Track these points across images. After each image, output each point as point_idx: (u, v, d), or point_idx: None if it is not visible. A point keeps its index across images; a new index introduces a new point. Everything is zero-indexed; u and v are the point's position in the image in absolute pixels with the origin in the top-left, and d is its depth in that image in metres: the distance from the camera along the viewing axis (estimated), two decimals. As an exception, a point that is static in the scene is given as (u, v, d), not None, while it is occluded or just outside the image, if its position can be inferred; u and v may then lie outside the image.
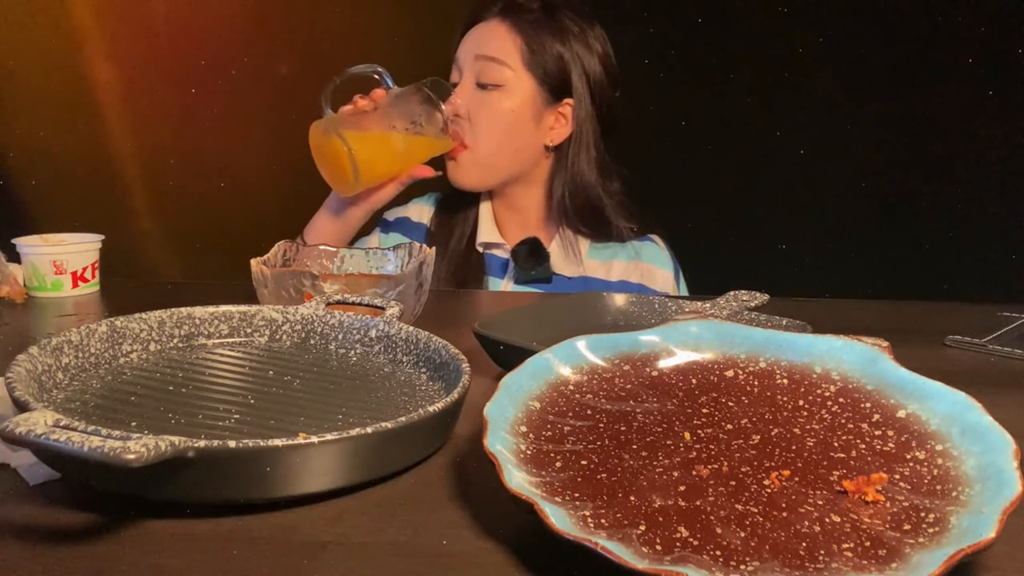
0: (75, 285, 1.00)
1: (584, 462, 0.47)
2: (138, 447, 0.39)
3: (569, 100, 1.18)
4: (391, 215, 1.30)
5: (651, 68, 1.53)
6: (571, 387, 0.55)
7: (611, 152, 1.24)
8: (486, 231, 1.24)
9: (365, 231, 1.20)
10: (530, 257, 1.19)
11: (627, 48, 1.25)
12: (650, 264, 1.21)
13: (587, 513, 0.41)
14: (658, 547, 0.39)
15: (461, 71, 1.18)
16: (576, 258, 1.20)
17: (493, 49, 1.16)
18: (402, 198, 1.17)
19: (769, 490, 0.45)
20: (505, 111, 1.16)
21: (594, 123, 1.20)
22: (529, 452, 0.47)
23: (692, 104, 1.56)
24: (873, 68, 1.50)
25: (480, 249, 1.24)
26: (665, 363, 0.58)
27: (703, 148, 1.57)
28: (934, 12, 1.46)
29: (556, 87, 1.18)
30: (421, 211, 1.30)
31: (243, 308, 0.69)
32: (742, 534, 0.41)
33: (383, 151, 1.06)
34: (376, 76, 1.08)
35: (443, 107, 1.08)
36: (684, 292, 1.23)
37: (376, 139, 1.05)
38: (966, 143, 1.49)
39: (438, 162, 1.16)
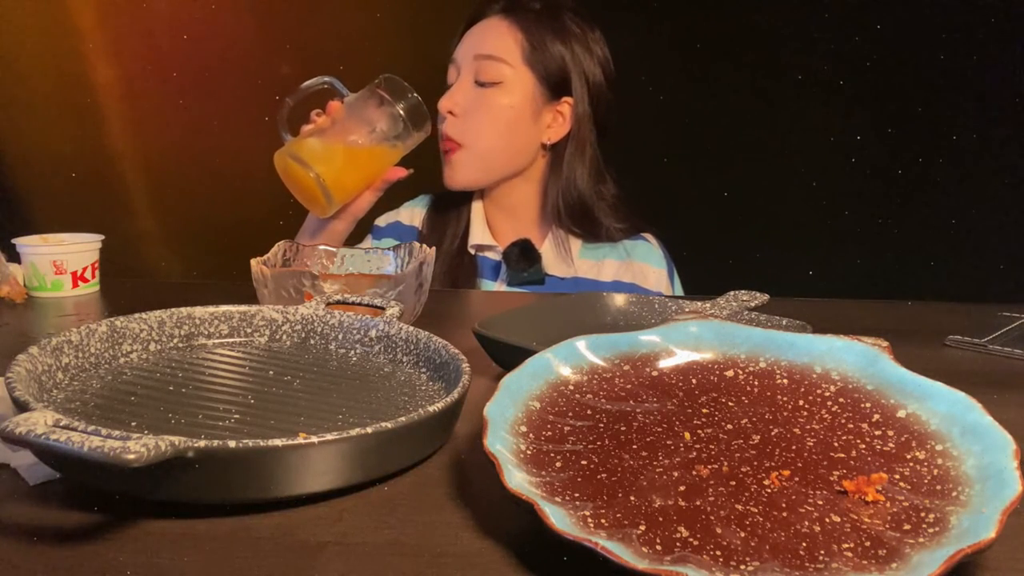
0: (75, 285, 1.00)
1: (584, 462, 0.47)
2: (138, 447, 0.39)
3: (568, 98, 1.18)
4: (382, 220, 1.29)
5: (651, 67, 1.53)
6: (571, 387, 0.55)
7: (611, 152, 1.24)
8: (478, 233, 1.24)
9: (357, 238, 1.19)
10: (522, 259, 1.18)
11: (628, 46, 1.25)
12: (643, 263, 1.21)
13: (587, 513, 0.41)
14: (658, 547, 0.39)
15: (459, 70, 1.18)
16: (567, 256, 1.20)
17: (492, 47, 1.16)
18: (393, 202, 1.16)
19: (769, 490, 0.45)
20: (504, 107, 1.16)
21: (591, 124, 1.20)
22: (529, 452, 0.47)
23: (692, 103, 1.56)
24: (873, 67, 1.50)
25: (472, 251, 1.24)
26: (665, 363, 0.58)
27: (703, 148, 1.57)
28: (935, 12, 1.46)
29: (555, 85, 1.17)
30: (412, 214, 1.29)
31: (243, 308, 0.69)
32: (742, 534, 0.41)
33: (349, 167, 1.03)
34: (326, 87, 1.04)
35: (399, 106, 1.04)
36: (678, 291, 1.23)
37: (340, 155, 1.02)
38: (966, 143, 1.49)
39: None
